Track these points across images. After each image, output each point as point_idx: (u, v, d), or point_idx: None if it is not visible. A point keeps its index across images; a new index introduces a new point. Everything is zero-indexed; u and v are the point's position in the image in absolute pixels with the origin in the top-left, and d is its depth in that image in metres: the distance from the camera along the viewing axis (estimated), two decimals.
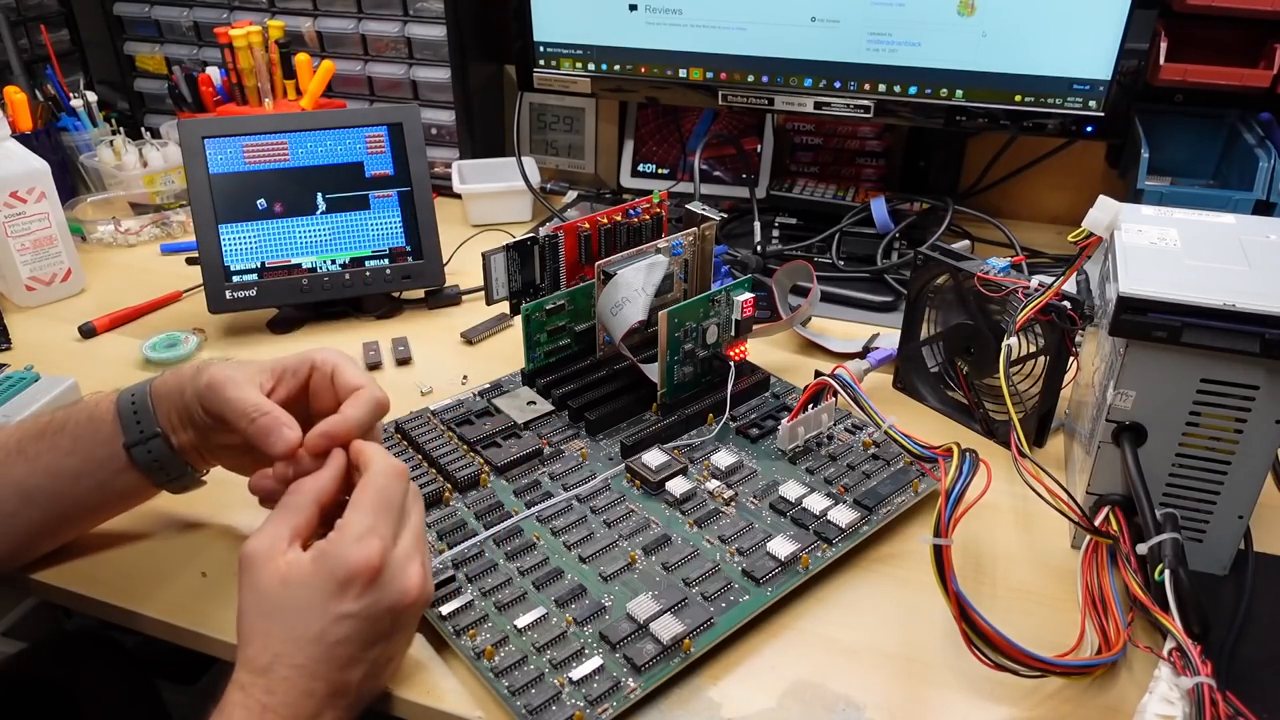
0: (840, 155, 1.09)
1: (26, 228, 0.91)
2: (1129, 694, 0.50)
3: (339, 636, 0.45)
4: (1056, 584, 0.58)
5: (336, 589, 0.45)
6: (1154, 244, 0.56)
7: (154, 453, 0.55)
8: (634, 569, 0.56)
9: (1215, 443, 0.54)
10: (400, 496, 0.50)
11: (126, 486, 0.57)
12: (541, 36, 1.01)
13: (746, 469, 0.65)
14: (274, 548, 0.47)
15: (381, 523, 0.47)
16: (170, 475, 0.57)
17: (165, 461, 0.56)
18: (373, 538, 0.46)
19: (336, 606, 0.45)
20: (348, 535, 0.46)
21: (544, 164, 1.21)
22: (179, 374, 0.56)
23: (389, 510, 0.48)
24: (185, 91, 1.14)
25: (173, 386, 0.56)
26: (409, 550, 0.48)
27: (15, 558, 0.58)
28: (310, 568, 0.46)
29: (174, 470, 0.57)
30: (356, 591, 0.45)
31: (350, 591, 0.45)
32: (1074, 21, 0.83)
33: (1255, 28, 0.87)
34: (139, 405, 0.55)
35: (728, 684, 0.51)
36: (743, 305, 0.70)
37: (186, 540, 0.61)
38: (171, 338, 0.85)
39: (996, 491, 0.55)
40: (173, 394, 0.55)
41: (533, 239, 0.73)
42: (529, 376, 0.74)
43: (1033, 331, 0.65)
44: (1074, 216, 0.59)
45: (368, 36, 1.15)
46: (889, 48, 0.89)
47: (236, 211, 0.86)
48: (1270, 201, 0.86)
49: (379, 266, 0.89)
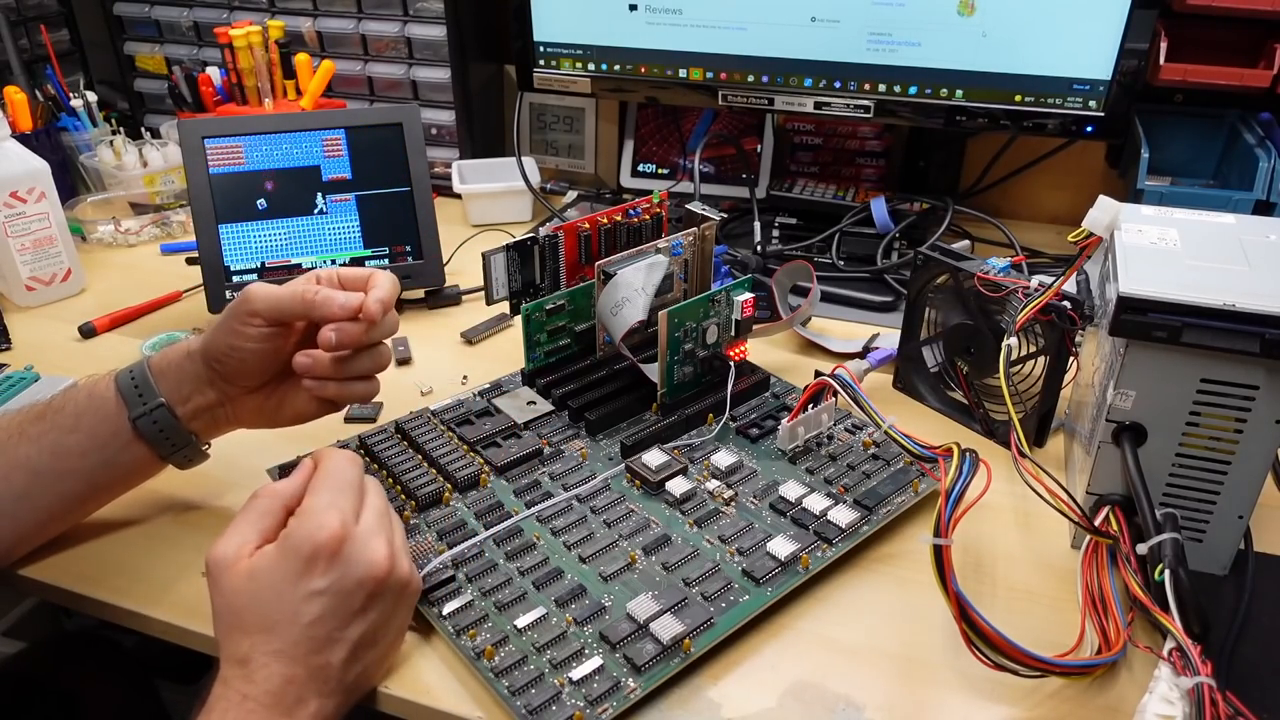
0: (840, 155, 1.09)
1: (26, 228, 0.91)
2: (1129, 694, 0.50)
3: (312, 615, 0.46)
4: (1056, 584, 0.58)
5: (303, 567, 0.46)
6: (1154, 244, 0.56)
7: (159, 423, 0.57)
8: (634, 569, 0.56)
9: (1215, 443, 0.54)
10: (356, 478, 0.52)
11: (132, 461, 0.58)
12: (541, 36, 1.01)
13: (746, 469, 0.65)
14: (240, 551, 0.48)
15: (340, 499, 0.49)
16: (175, 445, 0.58)
17: (170, 431, 0.58)
18: (332, 511, 0.48)
19: (306, 584, 0.46)
20: (307, 514, 0.48)
21: (544, 164, 1.21)
22: (173, 349, 0.59)
23: (346, 489, 0.50)
24: (185, 91, 1.14)
25: (173, 359, 0.58)
26: (372, 527, 0.49)
27: (26, 541, 0.59)
28: (275, 555, 0.47)
29: (179, 439, 0.58)
30: (323, 566, 0.46)
31: (317, 567, 0.46)
32: (1074, 21, 0.83)
33: (1255, 28, 0.87)
34: (139, 380, 0.57)
35: (728, 684, 0.51)
36: (743, 305, 0.70)
37: (186, 540, 0.61)
38: (171, 338, 0.85)
39: (996, 491, 0.55)
40: (175, 365, 0.58)
41: (533, 239, 0.73)
42: (529, 376, 0.74)
43: (1033, 331, 0.65)
44: (1074, 216, 0.59)
45: (368, 36, 1.15)
46: (889, 48, 0.89)
47: (236, 211, 0.86)
48: (1270, 201, 0.86)
49: (379, 266, 0.89)
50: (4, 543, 0.57)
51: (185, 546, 0.61)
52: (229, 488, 0.65)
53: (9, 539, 0.57)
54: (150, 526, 0.62)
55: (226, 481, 0.66)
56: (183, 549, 0.61)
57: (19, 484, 0.56)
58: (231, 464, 0.65)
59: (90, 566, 0.59)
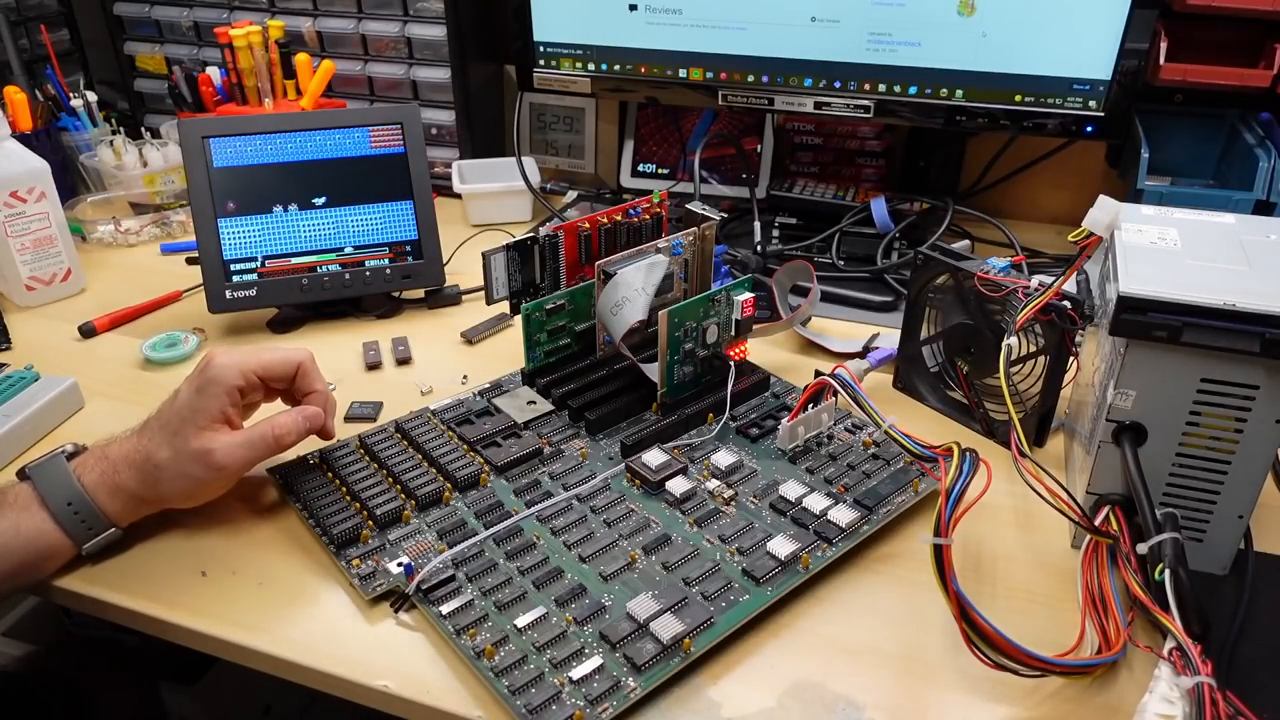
0: (840, 155, 1.09)
1: (26, 227, 0.91)
2: (1129, 694, 0.50)
3: None
4: (1056, 584, 0.58)
5: None
6: (1154, 244, 0.56)
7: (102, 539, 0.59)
8: (634, 568, 0.56)
9: (1215, 443, 0.54)
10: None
11: None
12: (541, 36, 1.01)
13: (746, 469, 0.65)
14: None
15: None
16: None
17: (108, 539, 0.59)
18: None
19: None
20: None
21: (544, 164, 1.21)
22: (130, 445, 0.60)
23: None
24: (185, 91, 1.14)
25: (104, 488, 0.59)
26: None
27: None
28: None
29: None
30: None
31: None
32: (1074, 21, 0.83)
33: (1255, 28, 0.87)
34: (84, 513, 0.58)
35: (728, 684, 0.51)
36: (743, 305, 0.70)
37: (186, 540, 0.61)
38: (171, 337, 0.85)
39: (996, 491, 0.55)
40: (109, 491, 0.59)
41: (533, 239, 0.73)
42: (529, 376, 0.74)
43: (1033, 331, 0.65)
44: (1074, 216, 0.59)
45: (368, 36, 1.15)
46: (889, 48, 0.89)
47: (236, 211, 0.86)
48: (1270, 201, 0.86)
49: (379, 266, 0.89)
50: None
51: (185, 546, 0.61)
52: None
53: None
54: (150, 526, 0.62)
55: None
56: (183, 549, 0.61)
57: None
58: None
59: (90, 566, 0.59)
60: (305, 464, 0.65)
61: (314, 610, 0.56)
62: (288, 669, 0.53)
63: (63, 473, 0.57)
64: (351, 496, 0.62)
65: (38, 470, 0.58)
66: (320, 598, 0.57)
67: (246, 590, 0.57)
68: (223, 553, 0.60)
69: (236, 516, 0.63)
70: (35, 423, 0.72)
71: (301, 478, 0.64)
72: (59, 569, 0.58)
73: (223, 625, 0.55)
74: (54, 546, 0.57)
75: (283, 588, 0.57)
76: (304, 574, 0.58)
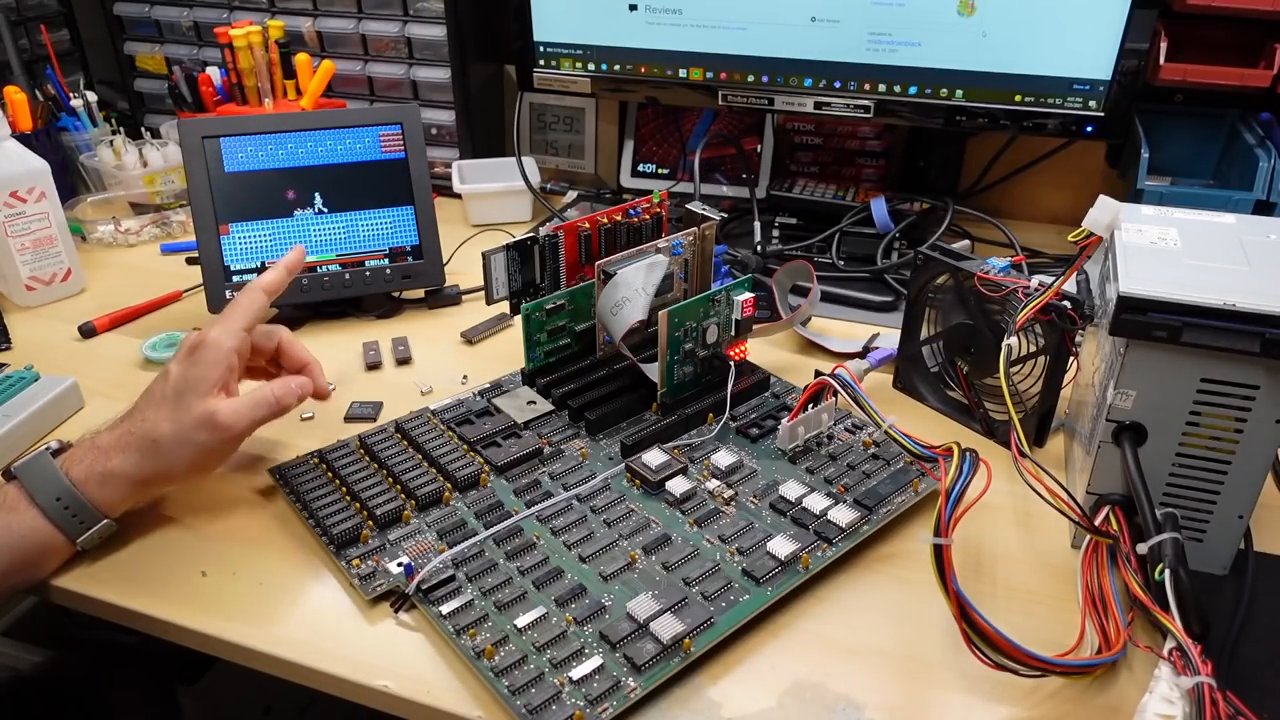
0: (840, 155, 1.09)
1: (26, 227, 0.91)
2: (1129, 694, 0.50)
3: None
4: (1056, 584, 0.58)
5: None
6: (1154, 244, 0.56)
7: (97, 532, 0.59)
8: (634, 568, 0.56)
9: (1215, 443, 0.54)
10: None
11: None
12: (541, 36, 1.01)
13: (746, 469, 0.65)
14: None
15: None
16: None
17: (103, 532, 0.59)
18: None
19: None
20: None
21: (544, 164, 1.21)
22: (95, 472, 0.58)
23: None
24: (185, 91, 1.14)
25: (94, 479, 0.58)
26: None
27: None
28: None
29: None
30: None
31: None
32: (1074, 21, 0.83)
33: (1255, 28, 0.87)
34: (74, 507, 0.57)
35: (728, 684, 0.51)
36: (743, 305, 0.70)
37: (186, 540, 0.61)
38: (171, 337, 0.85)
39: (996, 491, 0.55)
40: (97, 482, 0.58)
41: (533, 239, 0.73)
42: (529, 376, 0.74)
43: (1033, 331, 0.65)
44: (1074, 216, 0.59)
45: (368, 36, 1.15)
46: (889, 48, 0.89)
47: (237, 211, 0.86)
48: (1270, 201, 0.86)
49: (379, 266, 0.89)
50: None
51: (185, 546, 0.61)
52: (229, 487, 0.65)
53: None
54: (150, 526, 0.62)
55: (227, 480, 0.66)
56: (183, 549, 0.61)
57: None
58: (231, 464, 0.65)
59: (90, 566, 0.59)
60: (305, 464, 0.65)
61: (314, 610, 0.56)
62: (288, 669, 0.53)
63: (49, 469, 0.57)
64: (351, 496, 0.62)
65: (24, 469, 0.57)
66: (320, 598, 0.57)
67: (246, 590, 0.57)
68: (223, 553, 0.60)
69: (237, 517, 0.63)
70: (35, 423, 0.72)
71: (301, 478, 0.64)
72: (59, 568, 0.58)
73: (223, 625, 0.55)
74: (48, 543, 0.57)
75: (283, 588, 0.57)
76: (304, 574, 0.58)
